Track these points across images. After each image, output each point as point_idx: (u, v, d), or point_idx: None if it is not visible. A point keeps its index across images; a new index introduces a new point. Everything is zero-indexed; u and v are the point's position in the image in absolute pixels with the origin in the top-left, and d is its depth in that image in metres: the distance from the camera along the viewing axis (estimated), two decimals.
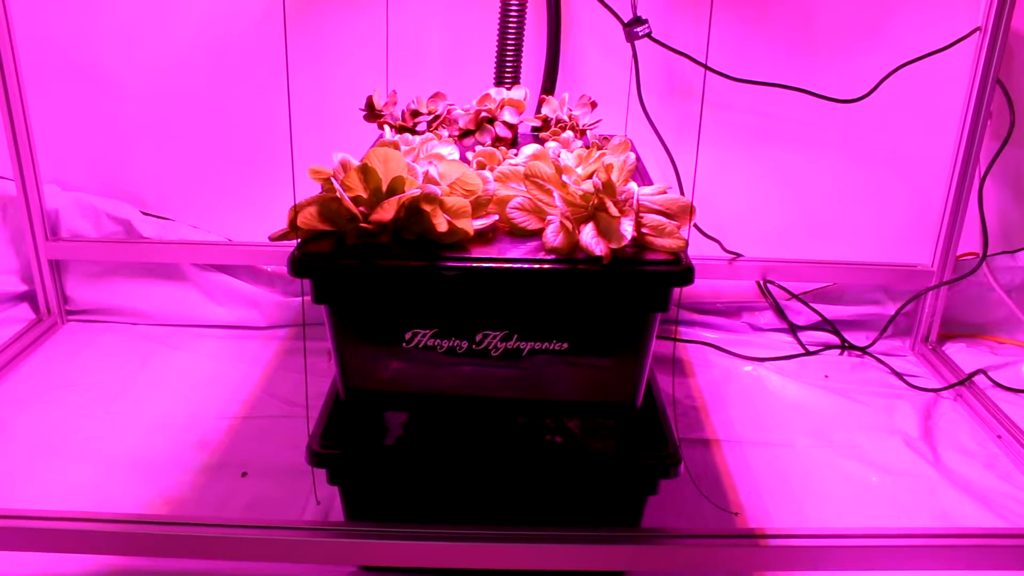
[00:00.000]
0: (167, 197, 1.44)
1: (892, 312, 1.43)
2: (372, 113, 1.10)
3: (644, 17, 1.23)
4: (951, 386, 1.30)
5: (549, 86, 1.30)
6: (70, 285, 1.46)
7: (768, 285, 1.45)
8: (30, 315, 1.45)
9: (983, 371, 1.32)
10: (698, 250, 1.37)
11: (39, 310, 1.45)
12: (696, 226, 1.36)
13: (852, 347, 1.42)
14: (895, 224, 1.43)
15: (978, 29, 1.27)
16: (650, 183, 0.95)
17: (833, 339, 1.43)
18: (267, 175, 1.37)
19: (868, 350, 1.41)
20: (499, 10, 1.19)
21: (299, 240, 0.79)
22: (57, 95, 1.37)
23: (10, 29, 1.27)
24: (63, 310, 1.46)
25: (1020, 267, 1.43)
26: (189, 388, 1.26)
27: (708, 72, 1.30)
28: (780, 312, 1.46)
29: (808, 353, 1.41)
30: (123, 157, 1.41)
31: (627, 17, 1.24)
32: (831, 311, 1.45)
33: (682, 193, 1.33)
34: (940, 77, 1.32)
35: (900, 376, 1.34)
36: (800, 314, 1.46)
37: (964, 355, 1.41)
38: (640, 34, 1.23)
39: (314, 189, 0.80)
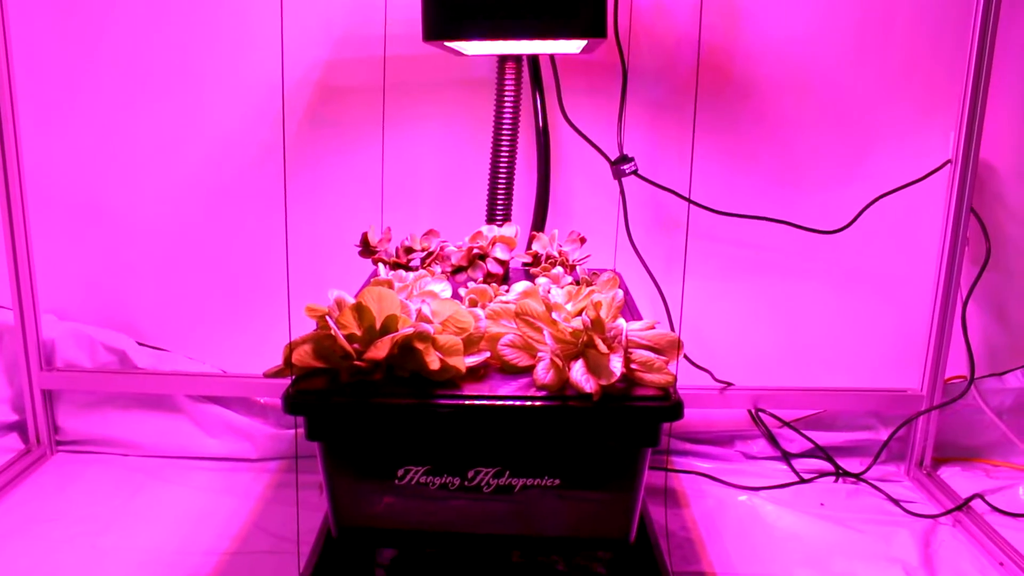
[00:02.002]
0: (164, 328, 1.46)
1: (885, 437, 1.43)
2: (367, 249, 1.12)
3: (630, 155, 1.29)
4: (949, 512, 1.29)
5: (539, 222, 1.34)
6: (62, 415, 1.46)
7: (760, 413, 1.45)
8: (19, 445, 1.44)
9: (980, 495, 1.31)
10: (689, 379, 1.38)
11: (28, 440, 1.44)
12: (686, 356, 1.37)
13: (846, 474, 1.41)
14: (883, 349, 1.44)
15: (949, 162, 1.32)
16: (639, 317, 0.97)
17: (827, 466, 1.43)
18: (263, 307, 1.39)
19: (863, 476, 1.41)
20: (491, 149, 1.24)
21: (293, 377, 0.80)
22: (58, 226, 1.41)
23: (20, 163, 1.31)
24: (53, 440, 1.45)
25: (1009, 389, 1.44)
26: (178, 522, 1.25)
27: (693, 206, 1.35)
28: (773, 440, 1.46)
29: (803, 481, 1.40)
30: (121, 288, 1.44)
31: (614, 155, 1.30)
32: (824, 438, 1.45)
33: (671, 323, 1.36)
34: (917, 207, 1.36)
35: (896, 502, 1.33)
36: (793, 441, 1.46)
37: (960, 479, 1.40)
38: (627, 172, 1.28)
39: (309, 322, 0.82)
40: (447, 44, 0.94)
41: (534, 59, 1.28)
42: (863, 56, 1.32)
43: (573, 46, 0.98)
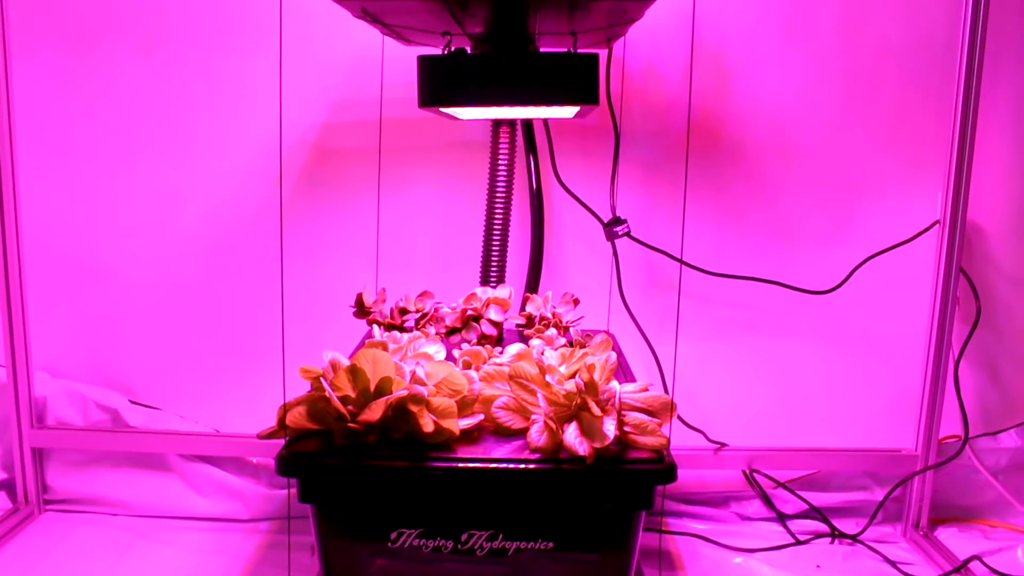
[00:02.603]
0: (157, 386, 1.46)
1: (880, 497, 1.43)
2: (362, 310, 1.13)
3: (623, 217, 1.30)
4: (947, 574, 1.28)
5: (533, 284, 1.35)
6: (51, 473, 1.45)
7: (754, 474, 1.45)
8: (7, 504, 1.43)
9: (978, 557, 1.30)
10: (683, 440, 1.38)
11: (16, 499, 1.42)
12: (680, 417, 1.37)
13: (842, 535, 1.40)
14: (876, 408, 1.45)
15: (937, 222, 1.33)
16: (632, 378, 0.97)
17: (823, 527, 1.42)
18: (257, 366, 1.39)
19: (859, 538, 1.40)
20: (485, 211, 1.26)
21: (287, 438, 0.80)
22: (54, 283, 1.41)
23: (17, 220, 1.32)
24: (41, 499, 1.44)
25: (1003, 449, 1.43)
26: None
27: (685, 267, 1.36)
28: (768, 501, 1.45)
29: (799, 543, 1.39)
30: (116, 346, 1.44)
31: (607, 217, 1.32)
32: (819, 498, 1.44)
33: (664, 384, 1.36)
34: (907, 266, 1.37)
35: (894, 564, 1.32)
36: (788, 502, 1.45)
37: (957, 540, 1.39)
38: (620, 233, 1.29)
39: (304, 382, 0.82)
40: (442, 110, 0.96)
41: (528, 123, 1.30)
42: (850, 118, 1.35)
43: (566, 112, 1.00)
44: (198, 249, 1.40)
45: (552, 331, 1.05)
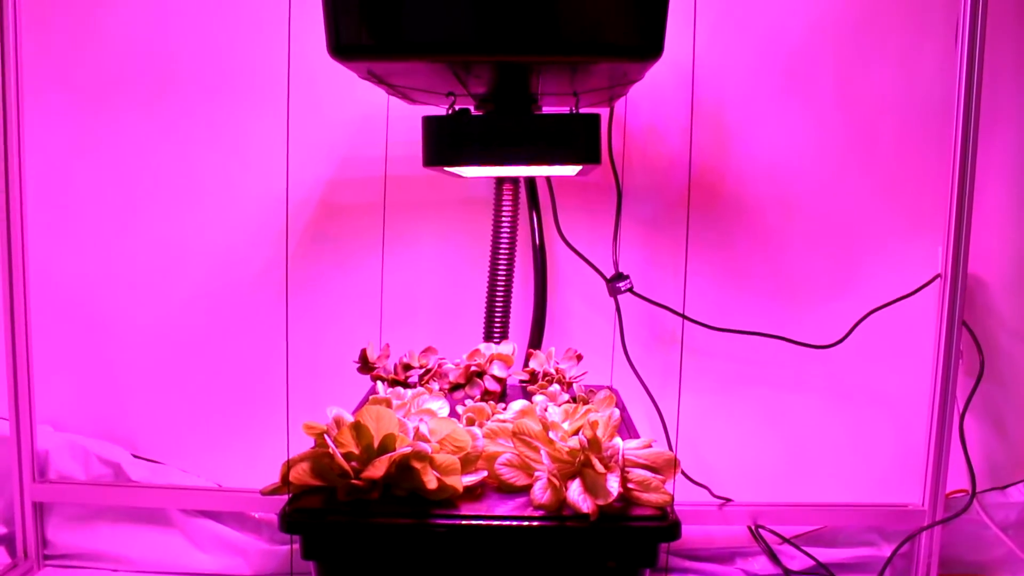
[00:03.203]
0: (160, 440, 1.46)
1: (888, 553, 1.41)
2: (366, 366, 1.14)
3: (625, 273, 1.31)
4: None
5: (536, 340, 1.35)
6: (52, 528, 1.44)
7: (760, 529, 1.44)
8: (5, 559, 1.41)
9: None
10: (687, 495, 1.37)
11: (16, 554, 1.41)
12: (684, 473, 1.37)
13: None
14: (882, 463, 1.44)
15: (939, 276, 1.34)
16: (636, 434, 0.97)
17: None
18: (260, 421, 1.39)
19: None
20: (488, 267, 1.27)
21: (290, 495, 0.80)
22: (59, 337, 1.42)
23: (25, 274, 1.34)
24: (41, 554, 1.43)
25: (1012, 503, 1.42)
26: None
27: (687, 322, 1.37)
28: (774, 557, 1.44)
29: None
30: (119, 400, 1.44)
31: (610, 273, 1.33)
32: (826, 554, 1.43)
33: (668, 439, 1.36)
34: (909, 320, 1.38)
35: None
36: (794, 558, 1.43)
37: None
38: (622, 289, 1.30)
39: (307, 438, 0.82)
40: (446, 169, 0.97)
41: (531, 180, 1.32)
42: (850, 173, 1.37)
43: (569, 170, 1.01)
44: (203, 303, 1.41)
45: (555, 387, 1.05)
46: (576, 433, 0.82)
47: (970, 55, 1.24)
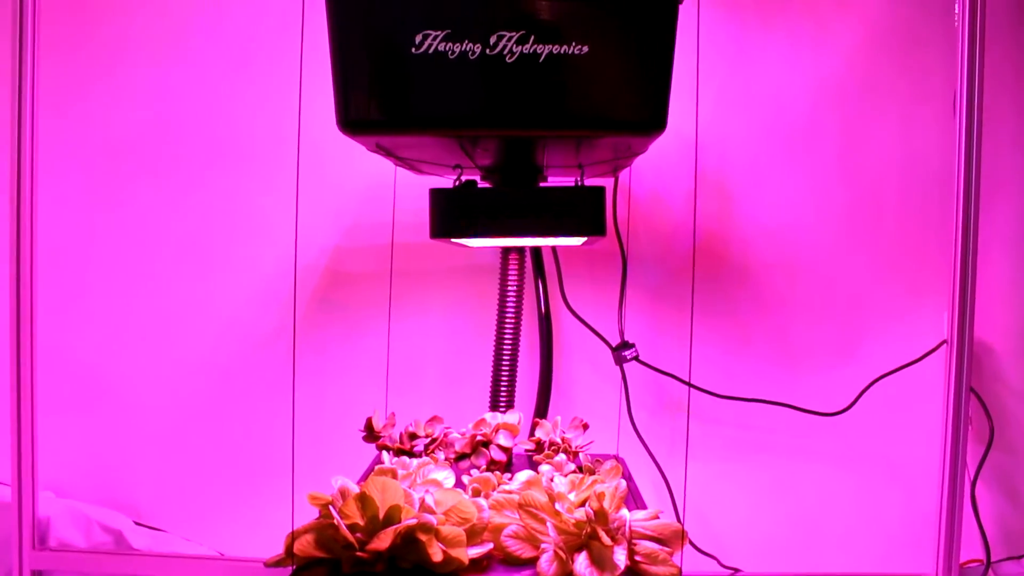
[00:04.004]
0: (163, 507, 1.44)
1: None
2: (371, 434, 1.14)
3: (631, 341, 1.32)
4: None
5: (542, 409, 1.35)
6: None
7: None
8: None
9: None
10: (695, 566, 1.35)
11: None
12: (691, 542, 1.35)
13: None
14: (893, 532, 1.42)
15: (945, 342, 1.34)
16: (643, 504, 0.96)
17: None
18: (264, 489, 1.39)
19: None
20: (494, 336, 1.27)
21: (295, 567, 0.79)
22: (62, 401, 1.42)
23: (33, 340, 1.34)
24: None
25: None
26: None
27: (693, 390, 1.37)
28: None
29: None
30: (123, 466, 1.43)
31: (615, 341, 1.33)
32: None
33: (675, 508, 1.34)
34: (916, 387, 1.37)
35: None
36: None
37: None
38: (628, 358, 1.30)
39: (312, 507, 0.82)
40: (453, 240, 0.99)
41: (536, 249, 1.33)
42: (854, 239, 1.38)
43: (574, 240, 1.02)
44: (208, 370, 1.41)
45: (562, 456, 1.05)
46: (583, 504, 0.82)
47: (968, 124, 1.25)
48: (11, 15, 1.24)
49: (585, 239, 0.99)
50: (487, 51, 0.84)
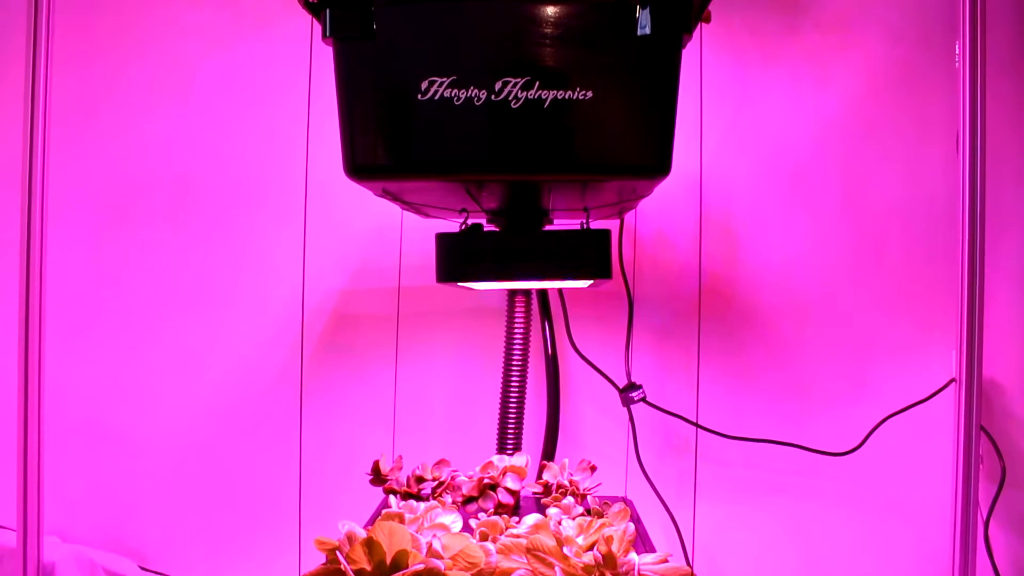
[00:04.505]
0: (169, 552, 1.44)
1: None
2: (378, 478, 1.13)
3: (638, 383, 1.32)
4: None
5: (550, 451, 1.35)
6: None
7: None
8: None
9: None
10: None
11: None
12: None
13: None
14: (906, 573, 1.40)
15: (953, 380, 1.33)
16: (651, 547, 0.96)
17: None
18: (272, 533, 1.38)
19: None
20: (501, 377, 1.27)
21: None
22: (69, 445, 1.42)
23: (40, 387, 1.34)
24: None
25: None
26: None
27: (701, 431, 1.36)
28: None
29: None
30: (129, 510, 1.43)
31: (622, 382, 1.33)
32: None
33: (684, 551, 1.33)
34: (926, 426, 1.36)
35: None
36: None
37: None
38: (635, 399, 1.30)
39: (319, 551, 0.82)
40: (459, 284, 0.99)
41: (543, 291, 1.34)
42: (860, 278, 1.38)
43: (581, 283, 1.03)
44: (215, 414, 1.41)
45: (569, 499, 1.04)
46: (591, 548, 0.81)
47: (972, 162, 1.26)
48: (24, 61, 1.26)
49: (591, 282, 1.00)
50: (492, 97, 0.85)
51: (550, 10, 0.85)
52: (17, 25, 1.34)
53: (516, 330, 1.25)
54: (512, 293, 1.24)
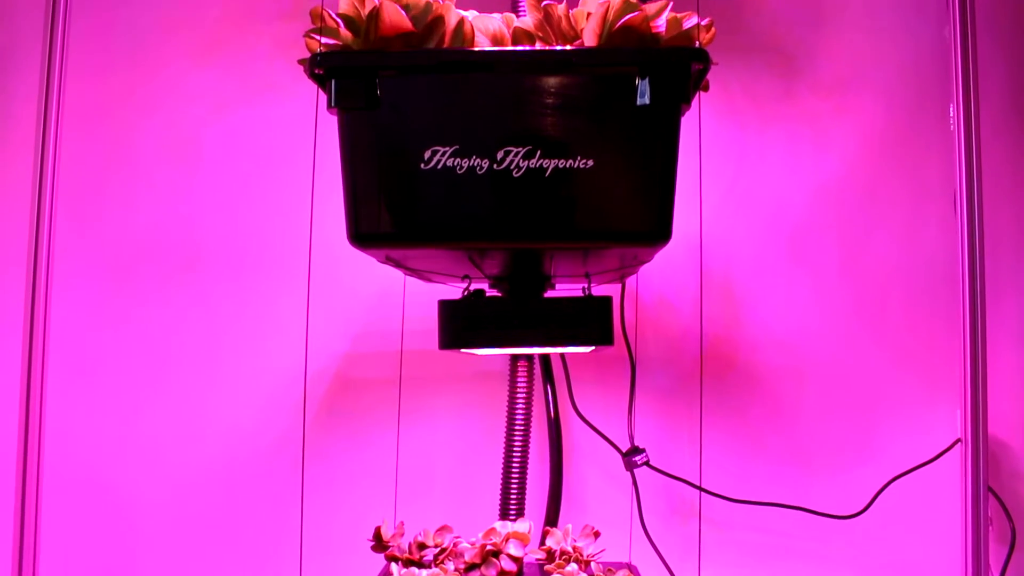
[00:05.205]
0: None
1: None
2: (380, 544, 1.12)
3: (641, 446, 1.31)
4: None
5: (553, 516, 1.33)
6: None
7: None
8: None
9: None
10: None
11: None
12: None
13: None
14: None
15: (959, 440, 1.32)
16: None
17: None
18: None
19: None
20: (504, 443, 1.27)
21: None
22: (67, 507, 1.40)
23: (40, 448, 1.33)
24: None
25: None
26: None
27: (705, 495, 1.35)
28: None
29: None
30: (126, 573, 1.41)
31: (625, 446, 1.32)
32: None
33: None
34: (933, 487, 1.35)
35: None
36: None
37: None
38: (638, 463, 1.29)
39: None
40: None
41: (545, 355, 1.34)
42: (861, 339, 1.38)
43: (582, 349, 1.03)
44: (215, 478, 1.40)
45: (573, 566, 1.03)
46: None
47: (970, 223, 1.27)
48: (36, 118, 1.28)
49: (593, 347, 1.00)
50: (495, 166, 0.86)
51: (551, 81, 0.87)
52: (29, 86, 1.37)
53: (518, 394, 1.25)
54: (514, 357, 1.24)
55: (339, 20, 0.91)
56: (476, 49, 0.92)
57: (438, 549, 1.10)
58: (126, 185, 1.43)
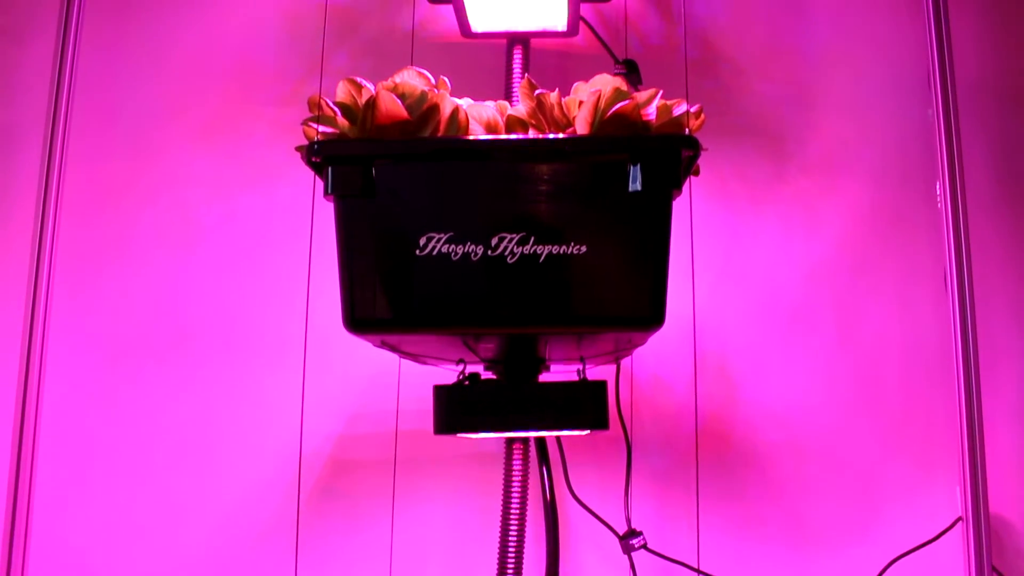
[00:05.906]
0: None
1: None
2: None
3: (638, 529, 1.29)
4: None
5: None
6: None
7: None
8: None
9: None
10: None
11: None
12: None
13: None
14: None
15: (960, 519, 1.31)
16: None
17: None
18: None
19: None
20: (499, 526, 1.25)
21: None
22: None
23: (28, 529, 1.31)
24: None
25: None
26: None
27: None
28: None
29: None
30: None
31: (622, 529, 1.30)
32: None
33: None
34: (936, 567, 1.33)
35: None
36: None
37: None
38: (636, 546, 1.27)
39: None
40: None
41: (540, 438, 1.33)
42: (859, 417, 1.37)
43: (577, 432, 1.03)
44: (207, 561, 1.38)
45: None
46: None
47: (961, 300, 1.28)
48: (35, 201, 1.29)
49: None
50: (489, 252, 0.87)
51: (544, 168, 0.89)
52: (30, 168, 1.39)
53: (514, 477, 1.24)
54: (510, 440, 1.24)
55: (336, 109, 0.93)
56: (470, 137, 0.94)
57: None
58: (124, 267, 1.44)
